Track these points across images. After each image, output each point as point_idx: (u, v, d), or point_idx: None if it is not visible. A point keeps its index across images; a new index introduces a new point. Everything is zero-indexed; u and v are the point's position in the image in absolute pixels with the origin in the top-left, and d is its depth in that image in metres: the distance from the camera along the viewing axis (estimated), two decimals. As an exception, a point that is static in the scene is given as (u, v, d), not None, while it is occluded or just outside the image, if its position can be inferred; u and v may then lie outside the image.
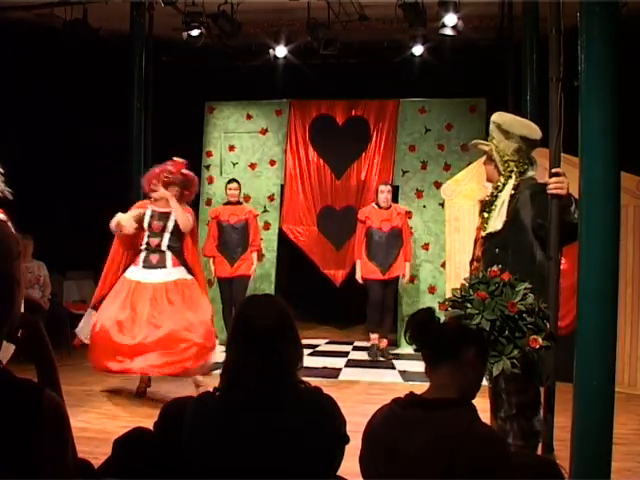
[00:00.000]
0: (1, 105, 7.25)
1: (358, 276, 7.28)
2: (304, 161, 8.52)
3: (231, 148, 8.69)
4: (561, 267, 3.30)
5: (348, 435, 1.99)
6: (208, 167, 8.65)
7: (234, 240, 7.37)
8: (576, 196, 3.24)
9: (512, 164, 3.45)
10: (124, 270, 5.48)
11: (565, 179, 3.16)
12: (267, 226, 8.48)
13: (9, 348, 1.66)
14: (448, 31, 6.65)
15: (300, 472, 1.86)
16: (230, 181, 7.71)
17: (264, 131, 8.63)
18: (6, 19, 7.06)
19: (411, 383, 5.36)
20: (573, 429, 3.17)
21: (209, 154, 8.72)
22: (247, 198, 8.48)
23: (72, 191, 8.18)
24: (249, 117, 8.67)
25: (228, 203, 7.57)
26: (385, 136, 8.36)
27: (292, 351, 1.99)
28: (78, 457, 1.57)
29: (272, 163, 8.60)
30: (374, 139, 8.39)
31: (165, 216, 5.46)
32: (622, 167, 3.28)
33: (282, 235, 8.54)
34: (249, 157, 8.65)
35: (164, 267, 5.34)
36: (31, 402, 1.40)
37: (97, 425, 4.72)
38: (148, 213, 5.49)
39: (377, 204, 7.32)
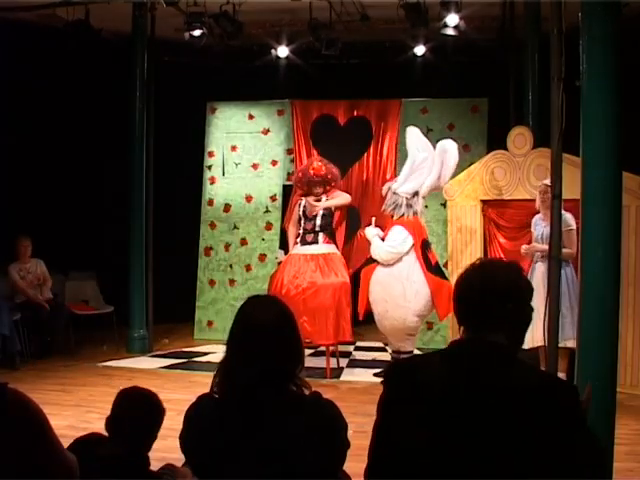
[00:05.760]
0: (3, 105, 7.28)
1: None
2: (305, 161, 8.52)
3: (233, 148, 8.69)
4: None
5: (349, 440, 1.95)
6: (210, 167, 8.65)
7: None
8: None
9: None
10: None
11: None
12: (269, 226, 8.48)
13: None
14: (450, 31, 6.64)
15: (300, 477, 1.82)
16: None
17: (266, 131, 8.63)
18: (8, 20, 7.08)
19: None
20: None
21: (211, 154, 8.72)
22: (249, 198, 8.48)
23: (74, 191, 8.20)
24: (251, 117, 8.67)
25: None
26: (387, 136, 8.35)
27: (293, 351, 1.96)
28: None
29: (274, 163, 8.60)
30: (376, 139, 8.38)
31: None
32: (624, 167, 3.29)
33: (284, 235, 8.54)
34: (251, 157, 8.64)
35: None
36: None
37: (99, 425, 4.70)
38: None
39: None
